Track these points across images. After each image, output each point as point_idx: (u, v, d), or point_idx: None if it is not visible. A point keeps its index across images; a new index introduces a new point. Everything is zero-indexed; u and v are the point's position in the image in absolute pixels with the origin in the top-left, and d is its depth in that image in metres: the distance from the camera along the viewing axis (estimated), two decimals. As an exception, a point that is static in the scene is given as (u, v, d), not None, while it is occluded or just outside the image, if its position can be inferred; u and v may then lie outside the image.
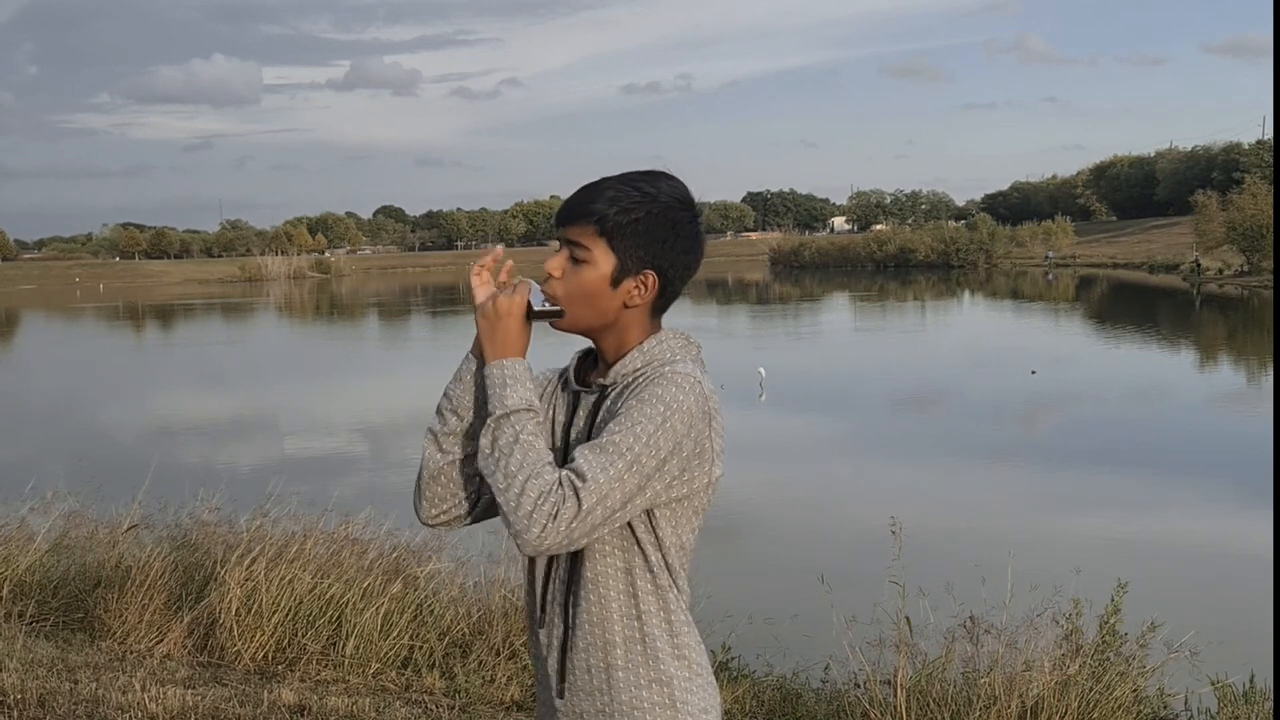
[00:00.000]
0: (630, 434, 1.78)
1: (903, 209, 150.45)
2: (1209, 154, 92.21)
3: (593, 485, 1.75)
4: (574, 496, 1.75)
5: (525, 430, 1.81)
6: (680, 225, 1.93)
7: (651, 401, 1.81)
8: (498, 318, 1.89)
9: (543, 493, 1.75)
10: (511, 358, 1.88)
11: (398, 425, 19.22)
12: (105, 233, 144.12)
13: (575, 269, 1.91)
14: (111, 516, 7.42)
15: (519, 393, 1.85)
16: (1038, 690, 4.76)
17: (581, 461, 1.78)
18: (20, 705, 4.62)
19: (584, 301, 1.91)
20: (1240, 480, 12.93)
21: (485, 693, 5.42)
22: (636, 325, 1.94)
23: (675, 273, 1.94)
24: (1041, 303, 48.83)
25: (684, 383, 1.83)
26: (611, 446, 1.78)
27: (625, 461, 1.77)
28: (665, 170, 1.96)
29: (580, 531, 1.77)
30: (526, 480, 1.76)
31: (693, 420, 1.82)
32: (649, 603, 1.89)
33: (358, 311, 60.07)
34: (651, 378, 1.85)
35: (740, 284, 73.98)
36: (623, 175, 1.93)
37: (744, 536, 9.86)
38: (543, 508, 1.74)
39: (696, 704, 1.91)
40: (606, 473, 1.76)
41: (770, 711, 5.41)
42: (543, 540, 1.75)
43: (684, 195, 1.94)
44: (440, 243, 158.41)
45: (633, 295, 1.92)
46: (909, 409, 19.90)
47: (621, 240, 1.89)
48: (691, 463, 1.85)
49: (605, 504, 1.77)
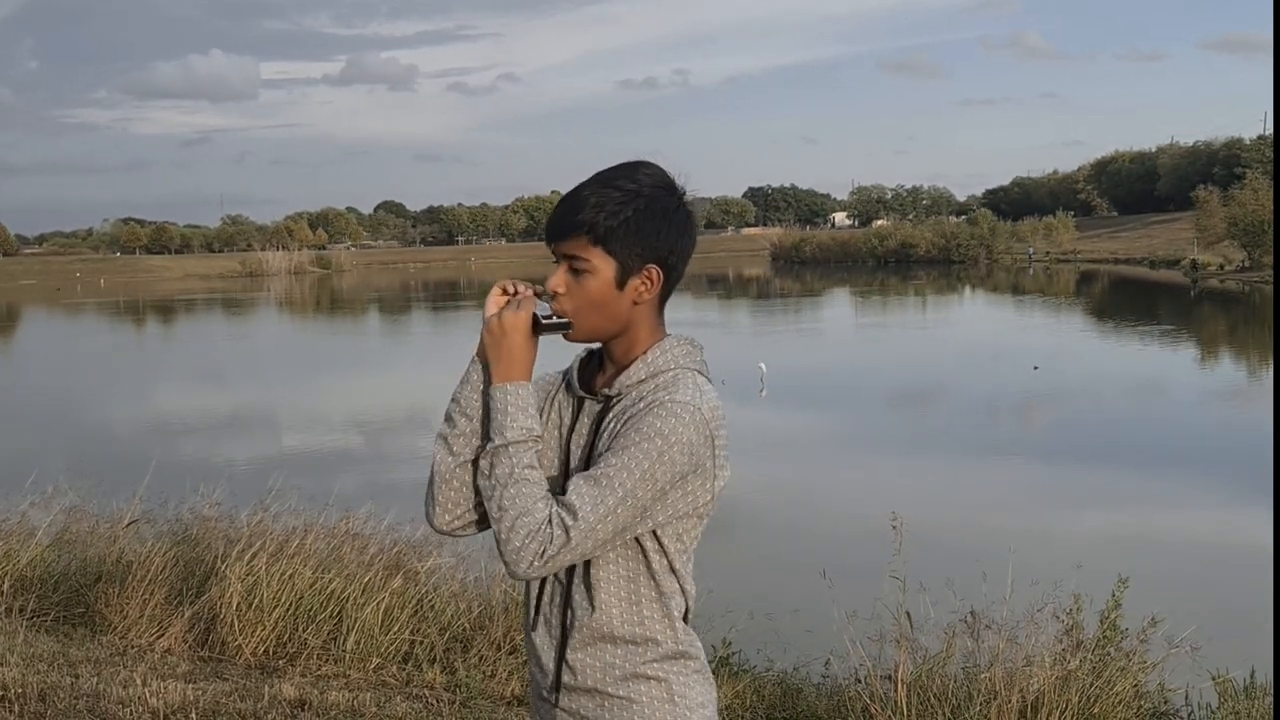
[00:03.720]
0: (624, 468, 1.79)
1: (904, 204, 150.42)
2: (1210, 149, 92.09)
3: (583, 524, 1.78)
4: (564, 534, 1.78)
5: (521, 463, 1.83)
6: (669, 212, 1.92)
7: (649, 435, 1.80)
8: (503, 334, 1.88)
9: (531, 531, 1.79)
10: (515, 381, 1.87)
11: (398, 420, 19.25)
12: (106, 228, 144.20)
13: (578, 281, 1.90)
14: (112, 511, 7.42)
15: (520, 422, 1.85)
16: (1038, 685, 4.76)
17: (574, 496, 1.79)
18: (21, 700, 4.62)
19: (595, 310, 1.90)
20: (1241, 475, 12.92)
21: (486, 687, 5.43)
22: (645, 323, 1.93)
23: (676, 259, 1.94)
24: (1042, 298, 48.80)
25: (683, 413, 1.82)
26: (605, 480, 1.79)
27: (617, 497, 1.79)
28: (641, 160, 1.95)
29: (569, 561, 1.82)
30: (518, 517, 1.80)
31: (693, 449, 1.82)
32: (651, 606, 1.89)
33: (358, 306, 60.05)
34: (651, 405, 1.84)
35: (741, 279, 73.96)
36: (600, 177, 1.91)
37: (744, 532, 9.86)
38: (530, 546, 1.79)
39: (694, 697, 1.91)
40: (597, 511, 1.78)
41: (771, 707, 5.41)
42: (529, 573, 1.81)
43: (665, 181, 1.93)
44: (441, 238, 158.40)
45: (640, 292, 1.91)
46: (910, 404, 19.90)
47: (616, 243, 1.88)
48: (694, 484, 1.85)
49: (595, 538, 1.80)
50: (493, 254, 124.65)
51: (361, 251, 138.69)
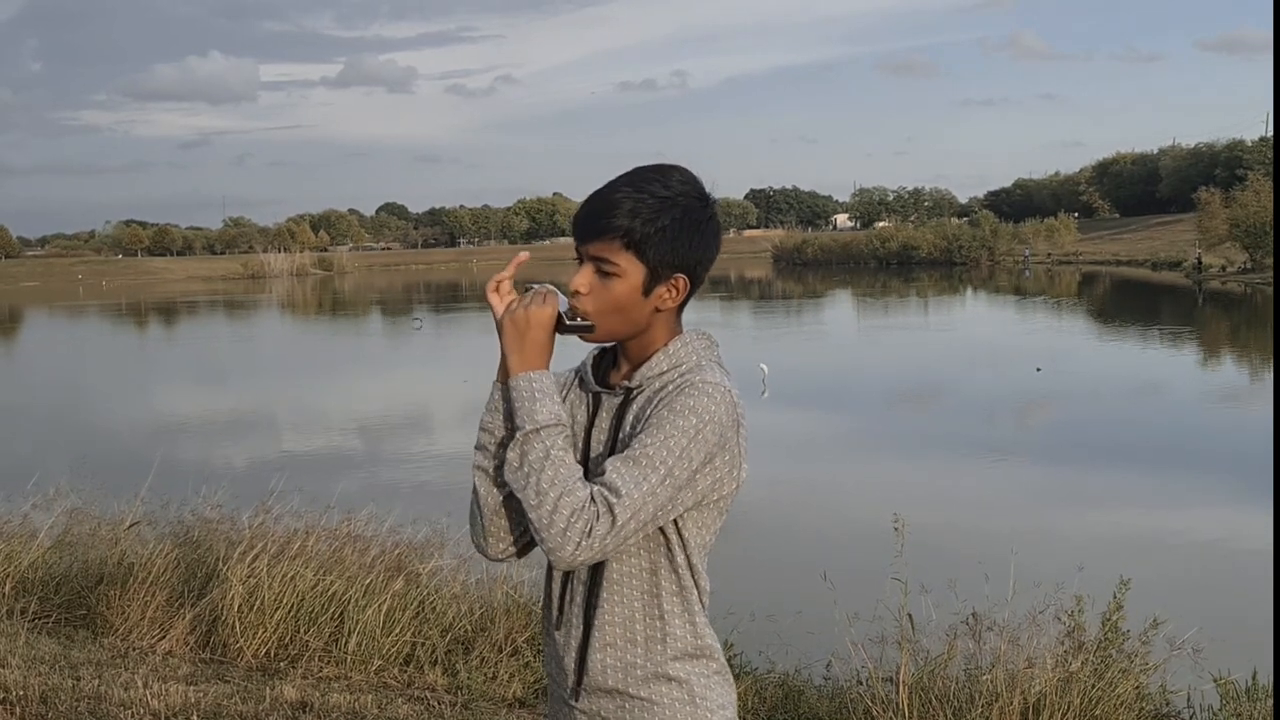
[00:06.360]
0: (664, 446, 1.77)
1: (906, 206, 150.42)
2: (1212, 151, 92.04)
3: (627, 500, 1.74)
4: (608, 512, 1.73)
5: (555, 445, 1.79)
6: (702, 223, 1.90)
7: (684, 413, 1.79)
8: (528, 327, 1.86)
9: (575, 510, 1.73)
10: (538, 370, 1.86)
11: (399, 422, 19.25)
12: (108, 230, 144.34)
13: (604, 283, 1.88)
14: (114, 513, 7.42)
15: (548, 407, 1.82)
16: (1040, 687, 4.76)
17: (614, 475, 1.76)
18: (23, 702, 4.62)
19: (617, 313, 1.89)
20: (1243, 476, 12.90)
21: (487, 689, 5.43)
22: (664, 326, 1.93)
23: (702, 269, 1.94)
24: (1044, 299, 48.77)
25: (715, 392, 1.82)
26: (645, 459, 1.77)
27: (659, 475, 1.76)
28: (672, 164, 1.93)
29: (614, 545, 1.76)
30: (559, 497, 1.74)
31: (724, 429, 1.82)
32: (672, 602, 1.88)
33: (360, 308, 60.05)
34: (681, 386, 1.83)
35: (743, 281, 73.93)
36: (632, 178, 1.89)
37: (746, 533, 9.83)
38: (576, 525, 1.73)
39: (715, 699, 1.91)
40: (640, 487, 1.75)
41: (773, 708, 5.40)
42: (577, 556, 1.74)
43: (698, 189, 1.92)
44: (443, 240, 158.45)
45: (664, 300, 1.90)
46: (912, 405, 19.89)
47: (649, 250, 1.86)
48: (722, 471, 1.84)
49: (639, 518, 1.76)
50: (495, 256, 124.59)
51: (363, 253, 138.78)
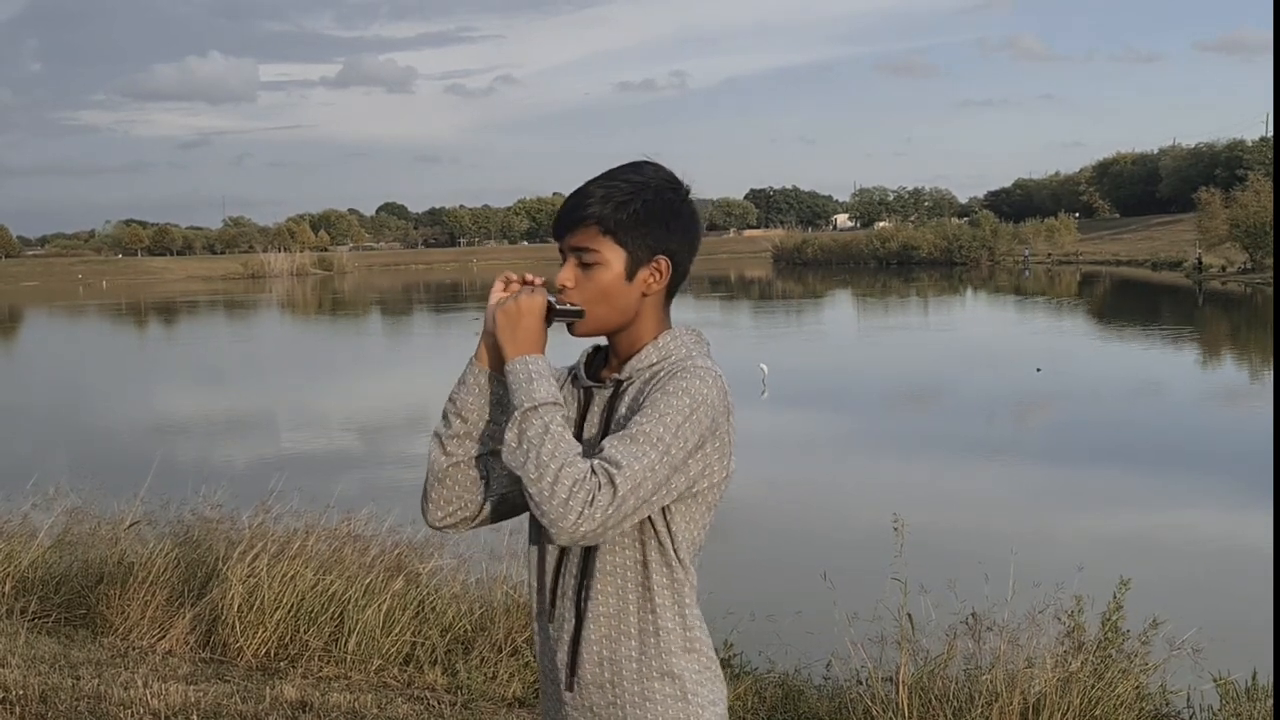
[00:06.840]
0: (660, 424, 1.79)
1: (906, 206, 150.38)
2: (1212, 151, 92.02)
3: (628, 472, 1.74)
4: (610, 484, 1.73)
5: (554, 421, 1.81)
6: (675, 205, 1.96)
7: (677, 394, 1.82)
8: (520, 315, 1.90)
9: (577, 480, 1.73)
10: (535, 354, 1.89)
11: (399, 422, 19.23)
12: (108, 229, 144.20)
13: (587, 274, 1.93)
14: (114, 513, 7.43)
15: (545, 387, 1.84)
16: (1040, 687, 4.76)
17: (612, 450, 1.77)
18: (23, 701, 4.62)
19: (603, 301, 1.93)
20: (1243, 476, 12.90)
21: (487, 689, 5.43)
22: (652, 315, 1.96)
23: (683, 253, 1.97)
24: (1044, 299, 48.77)
25: (707, 376, 1.85)
26: (642, 436, 1.78)
27: (658, 451, 1.77)
28: (645, 159, 1.99)
29: (614, 519, 1.75)
30: (560, 469, 1.74)
31: (716, 414, 1.84)
32: (664, 595, 1.89)
33: (360, 308, 60.05)
34: (673, 371, 1.86)
35: (743, 281, 73.93)
36: (605, 174, 1.95)
37: (746, 533, 9.84)
38: (578, 495, 1.72)
39: (706, 696, 1.92)
40: (640, 461, 1.76)
41: (773, 708, 5.40)
42: (578, 527, 1.73)
43: (670, 177, 1.98)
44: (443, 240, 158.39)
45: (649, 284, 1.94)
46: (912, 406, 19.89)
47: (626, 233, 1.91)
48: (712, 458, 1.86)
49: (638, 492, 1.76)
50: (495, 256, 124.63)
51: (363, 253, 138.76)
